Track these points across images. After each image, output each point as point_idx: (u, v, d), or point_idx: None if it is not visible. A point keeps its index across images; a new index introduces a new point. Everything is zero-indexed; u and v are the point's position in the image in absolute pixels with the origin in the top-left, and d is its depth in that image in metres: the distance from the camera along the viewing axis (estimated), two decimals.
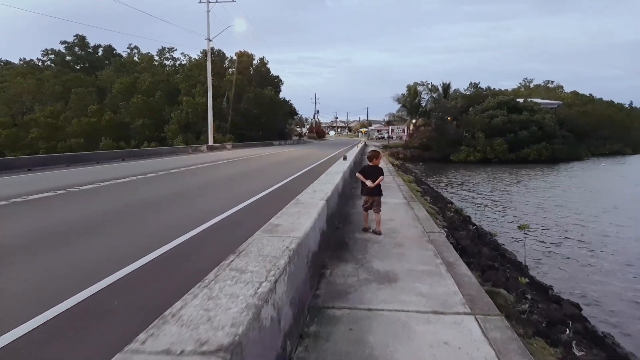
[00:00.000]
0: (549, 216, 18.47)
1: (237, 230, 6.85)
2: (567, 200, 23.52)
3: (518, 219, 17.07)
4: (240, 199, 9.60)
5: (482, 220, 16.04)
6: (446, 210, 12.15)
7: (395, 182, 13.80)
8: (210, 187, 12.43)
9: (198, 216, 7.76)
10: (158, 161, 21.26)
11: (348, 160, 14.32)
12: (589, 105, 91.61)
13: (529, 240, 11.58)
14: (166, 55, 76.04)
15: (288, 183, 12.60)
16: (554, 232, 15.50)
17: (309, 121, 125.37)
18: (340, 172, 9.38)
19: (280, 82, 70.17)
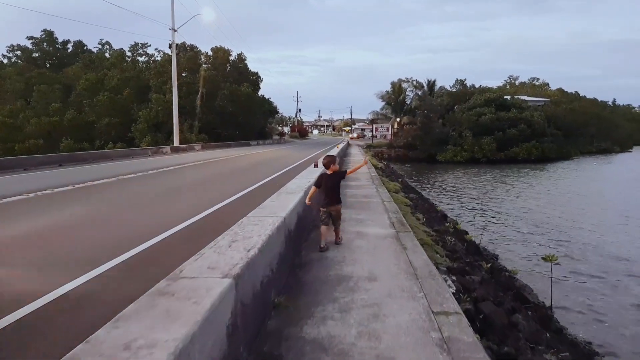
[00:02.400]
0: (565, 231, 15.68)
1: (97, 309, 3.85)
2: (579, 209, 20.86)
3: (531, 236, 14.30)
4: (149, 234, 6.60)
5: (487, 236, 13.24)
6: (446, 235, 9.26)
7: (378, 194, 10.90)
8: (131, 207, 9.37)
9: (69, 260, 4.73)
10: (104, 167, 18.09)
11: (321, 167, 11.35)
12: (575, 102, 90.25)
13: (558, 271, 8.78)
14: (139, 51, 72.44)
15: (233, 203, 9.57)
16: (580, 256, 12.76)
17: (291, 120, 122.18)
18: (292, 200, 6.44)
19: (260, 79, 66.84)
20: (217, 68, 56.38)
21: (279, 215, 4.76)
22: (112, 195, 10.59)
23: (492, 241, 13.12)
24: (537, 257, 11.04)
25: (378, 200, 9.90)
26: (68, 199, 10.03)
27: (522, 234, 14.67)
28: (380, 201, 9.69)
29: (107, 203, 9.46)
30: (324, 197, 5.83)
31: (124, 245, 5.85)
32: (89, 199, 10.02)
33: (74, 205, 9.13)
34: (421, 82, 64.01)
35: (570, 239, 14.20)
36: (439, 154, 54.99)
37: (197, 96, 49.51)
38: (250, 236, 3.81)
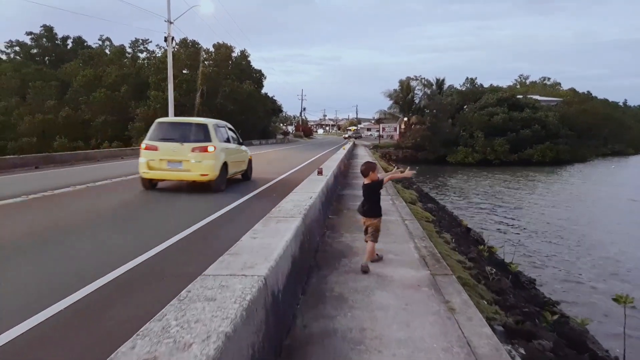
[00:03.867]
0: (619, 254, 13.54)
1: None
2: (622, 222, 18.73)
3: (575, 259, 12.23)
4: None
5: (522, 257, 11.19)
6: (483, 263, 7.26)
7: (396, 208, 8.91)
8: (94, 224, 7.40)
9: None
10: (83, 170, 16.18)
11: (326, 174, 9.41)
12: (588, 103, 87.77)
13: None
14: (140, 47, 70.62)
15: (203, 230, 7.37)
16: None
17: (296, 119, 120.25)
18: (284, 235, 4.44)
19: (263, 76, 64.92)
20: (218, 65, 54.48)
21: (256, 273, 2.79)
22: (46, 215, 8.29)
23: (532, 264, 11.09)
24: (591, 291, 9.06)
25: (397, 218, 7.90)
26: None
27: (562, 254, 12.60)
28: (401, 220, 7.69)
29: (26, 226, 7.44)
30: (360, 205, 5.31)
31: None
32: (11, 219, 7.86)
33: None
34: (430, 81, 61.76)
35: (628, 264, 12.09)
36: (449, 155, 52.89)
37: (197, 94, 47.65)
38: (189, 343, 1.84)
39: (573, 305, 8.03)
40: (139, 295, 4.15)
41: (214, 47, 58.53)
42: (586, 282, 10.16)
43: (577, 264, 11.65)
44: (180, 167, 10.38)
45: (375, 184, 5.21)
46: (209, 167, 10.43)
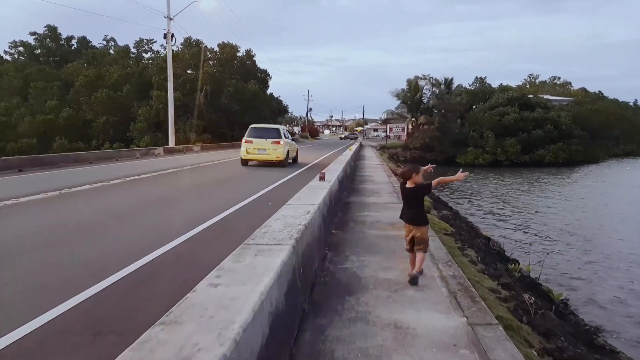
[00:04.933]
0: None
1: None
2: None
3: (616, 275, 10.88)
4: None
5: (551, 273, 9.89)
6: (519, 290, 5.98)
7: None
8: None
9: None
10: (68, 173, 15.07)
11: (330, 179, 8.19)
12: (599, 103, 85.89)
13: None
14: (144, 47, 69.78)
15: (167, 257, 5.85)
16: None
17: (302, 120, 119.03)
18: (263, 276, 3.18)
19: (268, 76, 63.74)
20: (223, 64, 53.37)
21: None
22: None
23: (564, 280, 9.76)
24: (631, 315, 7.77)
25: None
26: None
27: (593, 268, 11.27)
28: None
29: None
30: (403, 211, 4.86)
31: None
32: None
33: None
34: (439, 80, 60.27)
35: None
36: (459, 156, 51.37)
37: (201, 94, 46.60)
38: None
39: (631, 344, 6.71)
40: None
41: (219, 46, 57.50)
42: (628, 304, 8.85)
43: (611, 280, 10.33)
44: (264, 153, 18.09)
45: (422, 188, 4.69)
46: (280, 152, 18.15)
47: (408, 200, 4.79)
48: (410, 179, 4.66)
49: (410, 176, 4.66)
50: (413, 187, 4.68)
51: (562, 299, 6.38)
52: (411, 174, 4.66)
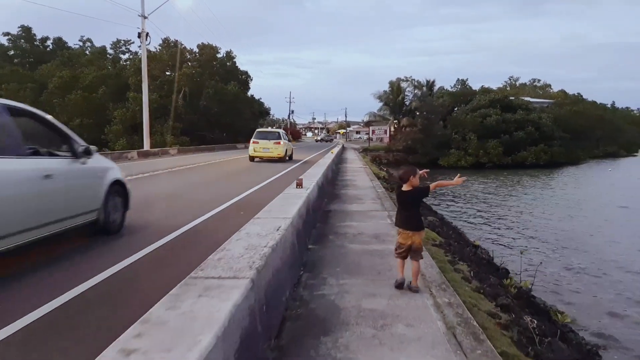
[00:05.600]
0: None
1: None
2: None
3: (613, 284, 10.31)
4: None
5: (548, 282, 9.29)
6: (519, 312, 5.32)
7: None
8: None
9: None
10: None
11: (308, 186, 7.47)
12: (579, 105, 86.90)
13: None
14: (122, 48, 68.29)
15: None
16: None
17: (284, 122, 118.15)
18: (213, 322, 2.40)
19: (250, 78, 62.82)
20: (202, 65, 52.27)
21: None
22: None
23: (559, 290, 9.16)
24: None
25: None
26: None
27: (588, 276, 10.69)
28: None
29: None
30: (398, 217, 4.54)
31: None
32: None
33: None
34: (421, 82, 60.08)
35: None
36: (441, 158, 51.13)
37: (179, 95, 45.52)
38: None
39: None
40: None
41: (198, 47, 56.39)
42: (629, 313, 8.28)
43: (609, 290, 9.76)
44: (268, 151, 22.54)
45: (420, 191, 4.44)
46: (281, 150, 22.79)
47: (405, 204, 4.46)
48: (408, 181, 4.36)
49: (408, 178, 4.36)
50: (411, 190, 4.38)
51: (567, 322, 5.73)
52: (409, 176, 4.36)
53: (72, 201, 5.58)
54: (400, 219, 4.44)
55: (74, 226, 5.58)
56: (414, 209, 4.43)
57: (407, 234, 4.31)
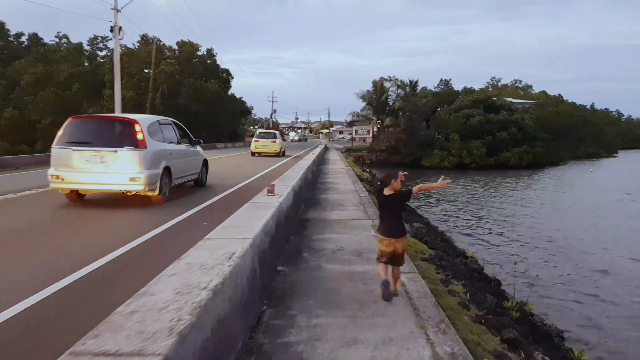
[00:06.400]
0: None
1: None
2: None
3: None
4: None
5: (543, 299, 8.51)
6: (533, 352, 4.49)
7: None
8: None
9: None
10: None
11: (281, 193, 6.55)
12: (560, 105, 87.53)
13: None
14: (99, 44, 66.32)
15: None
16: None
17: (266, 121, 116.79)
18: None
19: (231, 76, 61.50)
20: (182, 63, 50.88)
21: None
22: None
23: (561, 306, 8.39)
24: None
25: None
26: None
27: (596, 292, 9.95)
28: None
29: None
30: (380, 223, 4.36)
31: None
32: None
33: None
34: (404, 82, 59.43)
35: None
36: (424, 158, 50.59)
37: (157, 93, 44.16)
38: None
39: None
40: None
41: (178, 44, 54.99)
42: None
43: (611, 307, 9.03)
44: (267, 148, 28.03)
45: (402, 195, 4.31)
46: (277, 147, 28.33)
47: (387, 209, 4.33)
48: (390, 185, 4.20)
49: (390, 182, 4.20)
50: (393, 194, 4.21)
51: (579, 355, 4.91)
52: (390, 180, 4.21)
53: (192, 166, 11.22)
54: (382, 225, 4.29)
55: (191, 179, 11.34)
56: (396, 214, 4.29)
57: (390, 241, 4.13)
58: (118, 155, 8.41)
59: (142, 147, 8.47)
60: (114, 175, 8.41)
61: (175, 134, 10.58)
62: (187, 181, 10.97)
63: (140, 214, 8.32)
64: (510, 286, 8.66)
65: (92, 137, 8.75)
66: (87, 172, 8.43)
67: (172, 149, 9.77)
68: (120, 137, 8.74)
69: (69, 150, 8.58)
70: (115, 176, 8.41)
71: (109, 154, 8.39)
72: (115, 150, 8.43)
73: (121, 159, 8.41)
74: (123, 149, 8.42)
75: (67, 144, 8.76)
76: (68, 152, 8.59)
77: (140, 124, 8.74)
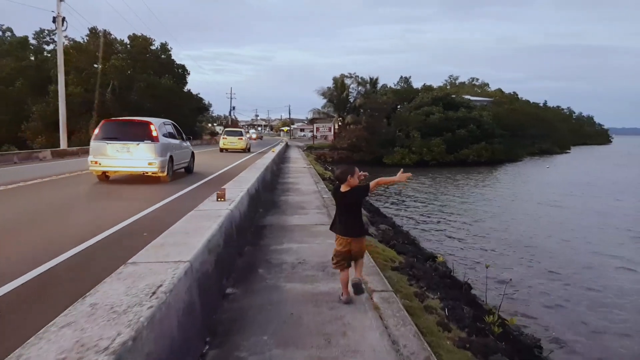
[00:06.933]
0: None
1: None
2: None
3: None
4: None
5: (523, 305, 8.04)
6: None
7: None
8: None
9: None
10: None
11: (233, 198, 5.72)
12: (516, 103, 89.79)
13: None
14: (46, 38, 62.89)
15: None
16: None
17: (225, 119, 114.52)
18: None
19: (187, 72, 59.50)
20: (134, 58, 48.69)
21: None
22: None
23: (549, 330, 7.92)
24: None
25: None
26: None
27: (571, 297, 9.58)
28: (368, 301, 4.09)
29: None
30: (336, 221, 4.10)
31: None
32: None
33: None
34: (365, 79, 59.17)
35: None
36: (386, 156, 50.43)
37: (108, 89, 42.08)
38: None
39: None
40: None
41: (129, 38, 52.63)
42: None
43: (596, 312, 8.67)
44: (234, 144, 31.17)
45: (359, 191, 4.02)
46: (243, 144, 31.42)
47: (344, 207, 4.09)
48: (346, 181, 4.01)
49: (346, 178, 4.01)
50: (349, 190, 4.02)
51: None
52: (346, 175, 4.02)
53: (185, 156, 14.07)
54: (338, 223, 4.03)
55: (184, 166, 14.19)
56: (353, 212, 4.03)
57: (346, 240, 3.89)
58: (140, 147, 11.74)
59: (156, 141, 11.89)
60: (137, 161, 11.80)
61: (174, 131, 13.86)
62: (181, 167, 14.12)
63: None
64: (481, 289, 8.30)
65: (120, 134, 12.02)
66: (117, 159, 11.79)
67: (173, 142, 13.26)
68: (140, 134, 11.96)
69: (104, 143, 11.70)
70: (137, 161, 11.81)
71: (133, 145, 11.73)
72: (137, 143, 11.74)
73: (142, 149, 11.76)
74: (143, 142, 11.77)
75: (102, 139, 11.83)
76: (103, 144, 11.70)
77: (154, 124, 12.26)
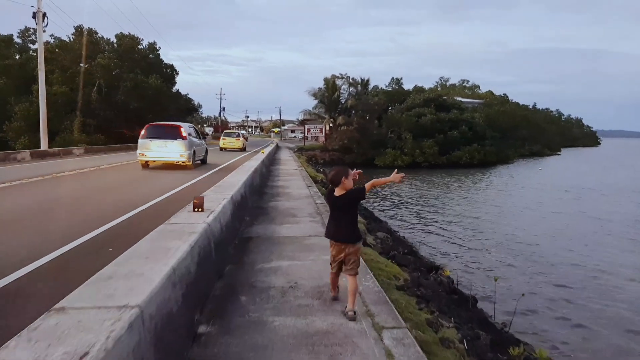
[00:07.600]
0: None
1: None
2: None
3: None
4: None
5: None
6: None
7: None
8: None
9: None
10: None
11: (213, 208, 4.89)
12: (506, 105, 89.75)
13: None
14: (31, 37, 61.48)
15: None
16: None
17: (215, 120, 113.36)
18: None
19: (175, 72, 58.42)
20: (121, 57, 47.56)
21: None
22: None
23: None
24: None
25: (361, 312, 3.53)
26: None
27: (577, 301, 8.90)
28: (368, 325, 3.31)
29: None
30: (330, 226, 3.91)
31: None
32: None
33: None
34: (356, 80, 58.50)
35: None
36: (377, 157, 49.77)
37: (93, 88, 41.00)
38: None
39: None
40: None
41: (117, 37, 51.48)
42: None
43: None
44: (232, 144, 36.79)
45: (354, 194, 3.78)
46: (240, 144, 36.91)
47: (338, 212, 3.87)
48: (340, 184, 3.75)
49: (340, 181, 3.75)
50: (344, 194, 3.78)
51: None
52: (340, 177, 3.75)
53: (201, 151, 19.17)
54: (333, 228, 3.86)
55: (200, 159, 19.03)
56: (349, 217, 3.82)
57: (340, 247, 3.77)
58: (174, 143, 15.99)
59: (185, 139, 16.21)
60: (172, 154, 16.08)
61: (195, 133, 18.35)
62: (199, 159, 18.49)
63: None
64: (489, 299, 7.79)
65: (159, 134, 16.19)
66: (157, 152, 16.09)
67: (195, 141, 17.66)
68: (174, 134, 16.21)
69: (148, 140, 16.02)
70: (172, 154, 16.11)
71: (169, 142, 15.95)
72: (172, 140, 15.98)
73: (175, 145, 16.01)
74: (176, 140, 16.03)
75: (147, 137, 16.07)
76: (148, 141, 16.02)
77: (183, 127, 16.86)
